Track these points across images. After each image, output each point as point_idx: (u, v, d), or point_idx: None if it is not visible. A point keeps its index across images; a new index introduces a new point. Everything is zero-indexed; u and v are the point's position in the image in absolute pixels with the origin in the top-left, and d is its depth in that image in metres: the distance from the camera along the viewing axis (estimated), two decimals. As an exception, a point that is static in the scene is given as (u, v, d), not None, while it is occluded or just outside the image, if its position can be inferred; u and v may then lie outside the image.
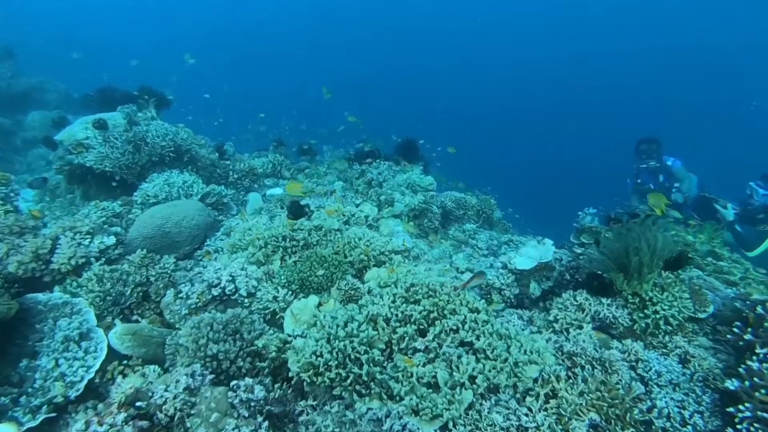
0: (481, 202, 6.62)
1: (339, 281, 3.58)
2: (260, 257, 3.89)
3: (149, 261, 3.84)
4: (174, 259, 3.99)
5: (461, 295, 3.27)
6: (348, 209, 5.05)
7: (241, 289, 3.52)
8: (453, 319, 3.06)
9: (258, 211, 5.55)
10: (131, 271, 3.69)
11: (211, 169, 6.13)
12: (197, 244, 4.36)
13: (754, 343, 3.11)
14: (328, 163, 7.53)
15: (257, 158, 7.36)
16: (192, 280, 3.72)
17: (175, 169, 5.53)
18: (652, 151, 7.60)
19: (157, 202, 4.83)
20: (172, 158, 5.58)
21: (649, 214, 4.30)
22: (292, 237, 4.01)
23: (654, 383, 3.01)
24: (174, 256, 4.11)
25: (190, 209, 4.36)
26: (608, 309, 3.44)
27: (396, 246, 4.10)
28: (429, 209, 5.93)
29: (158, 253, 4.03)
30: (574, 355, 3.06)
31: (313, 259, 3.69)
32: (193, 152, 5.86)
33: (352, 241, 4.00)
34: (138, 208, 4.90)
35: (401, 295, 3.26)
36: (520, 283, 4.13)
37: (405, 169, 7.01)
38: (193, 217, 4.32)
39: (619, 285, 3.47)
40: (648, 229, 3.38)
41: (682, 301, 3.47)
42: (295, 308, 3.34)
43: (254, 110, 12.32)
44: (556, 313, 3.52)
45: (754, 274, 4.63)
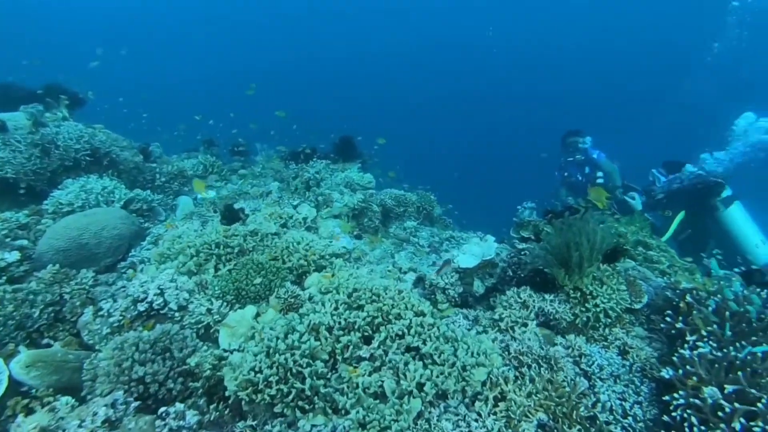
0: (421, 199, 6.58)
1: (278, 289, 3.39)
2: (192, 267, 3.63)
3: (63, 277, 3.50)
4: (93, 273, 3.65)
5: (405, 299, 3.17)
6: (285, 211, 4.85)
7: (171, 302, 3.27)
8: (398, 324, 2.96)
9: (189, 215, 5.24)
10: (40, 289, 3.34)
11: (136, 172, 5.73)
12: (120, 255, 4.02)
13: (684, 330, 3.20)
14: (263, 163, 7.26)
15: (187, 160, 6.99)
16: (114, 295, 3.42)
17: (93, 174, 5.11)
18: (577, 144, 7.83)
19: (71, 211, 4.40)
20: (88, 162, 5.15)
21: (587, 208, 4.38)
22: (226, 244, 3.78)
23: (597, 377, 3.03)
24: (93, 269, 3.77)
25: (111, 218, 4.02)
26: (551, 305, 3.44)
27: (337, 249, 3.95)
28: (369, 208, 5.82)
29: (74, 267, 3.69)
30: (520, 354, 3.03)
31: (249, 267, 3.49)
32: (114, 155, 5.45)
33: (291, 246, 3.82)
34: (49, 218, 4.44)
35: (344, 302, 3.12)
36: (463, 282, 4.09)
37: (343, 167, 6.87)
38: (115, 226, 3.98)
39: (561, 280, 3.48)
40: (587, 224, 3.41)
41: (619, 293, 3.53)
42: (231, 320, 3.13)
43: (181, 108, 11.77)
44: (501, 312, 3.50)
45: (680, 262, 4.83)
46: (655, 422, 2.85)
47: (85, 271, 3.62)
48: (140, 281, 3.40)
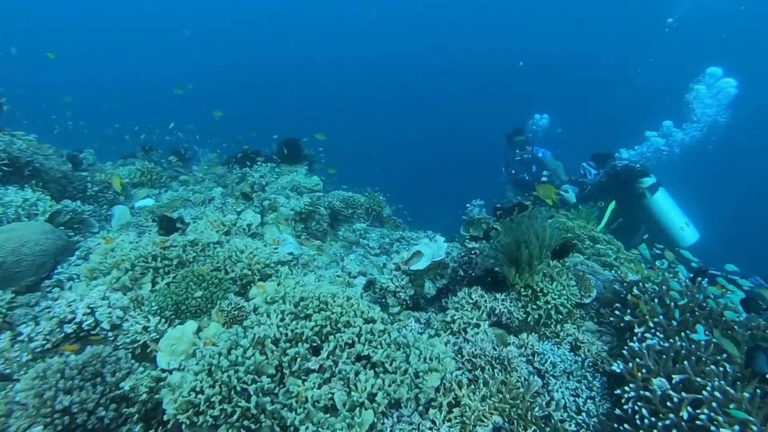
0: (370, 200, 6.48)
1: (220, 301, 3.21)
2: (126, 282, 3.39)
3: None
4: (12, 294, 3.35)
5: (354, 305, 3.05)
6: (228, 218, 4.63)
7: (103, 321, 3.03)
8: (348, 332, 2.84)
9: (126, 226, 4.93)
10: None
11: (64, 182, 5.35)
12: (45, 273, 3.70)
13: (633, 323, 3.24)
14: (205, 168, 6.97)
15: (123, 166, 6.62)
16: (37, 317, 3.13)
17: (12, 185, 4.72)
18: (523, 142, 7.97)
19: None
20: (6, 173, 4.76)
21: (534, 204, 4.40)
22: (163, 256, 3.55)
23: (550, 375, 3.01)
24: (12, 290, 3.45)
25: (32, 232, 3.70)
26: (503, 304, 3.41)
27: (282, 256, 3.79)
28: (316, 211, 5.67)
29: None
30: (474, 357, 2.97)
31: (189, 279, 3.28)
32: (37, 164, 5.06)
33: (234, 255, 3.63)
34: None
35: (290, 312, 2.98)
36: (414, 284, 4.01)
37: (289, 170, 6.68)
38: (38, 241, 3.67)
39: (512, 279, 3.46)
40: (535, 221, 3.40)
41: (569, 289, 3.54)
42: (170, 338, 2.92)
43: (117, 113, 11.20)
44: (452, 313, 3.44)
45: (625, 253, 4.93)
46: (608, 416, 2.86)
47: (2, 292, 3.31)
48: (67, 300, 3.13)
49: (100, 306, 3.10)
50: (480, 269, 3.74)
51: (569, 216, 5.71)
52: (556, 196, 4.30)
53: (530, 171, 7.98)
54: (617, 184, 6.73)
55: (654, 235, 5.74)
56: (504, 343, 3.23)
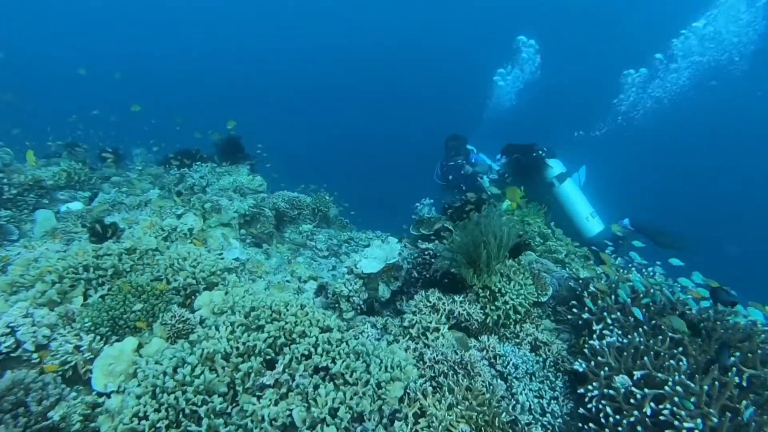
0: (315, 200, 6.29)
1: (163, 314, 2.95)
2: (53, 296, 3.05)
3: None
4: None
5: (309, 314, 2.89)
6: (168, 222, 4.32)
7: (27, 342, 2.71)
8: (303, 343, 2.68)
9: (51, 233, 4.51)
10: None
11: (-23, 185, 4.85)
12: (-43, 289, 3.30)
13: (590, 320, 3.25)
14: (140, 168, 6.54)
15: (45, 167, 6.10)
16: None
17: None
18: (459, 147, 8.03)
19: None
20: None
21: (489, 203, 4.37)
22: (96, 265, 3.23)
23: (513, 377, 2.97)
24: None
25: (-57, 242, 3.29)
26: (461, 306, 3.34)
27: (229, 262, 3.55)
28: (261, 213, 5.42)
29: None
30: (435, 363, 2.88)
31: (127, 291, 3.00)
32: (-54, 166, 4.56)
33: (176, 263, 3.36)
34: None
35: (241, 323, 2.78)
36: (368, 287, 3.88)
37: (230, 170, 6.38)
38: (-51, 252, 3.27)
39: (470, 280, 3.39)
40: (492, 221, 3.34)
41: (526, 288, 3.52)
42: (107, 356, 2.65)
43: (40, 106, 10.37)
44: (411, 318, 3.33)
45: (574, 249, 5.00)
46: (572, 416, 2.84)
47: None
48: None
49: (22, 324, 2.77)
50: (436, 271, 3.65)
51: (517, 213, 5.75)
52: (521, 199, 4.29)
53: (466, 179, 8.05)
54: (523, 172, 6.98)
55: (560, 223, 5.94)
56: (465, 347, 3.16)
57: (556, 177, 6.93)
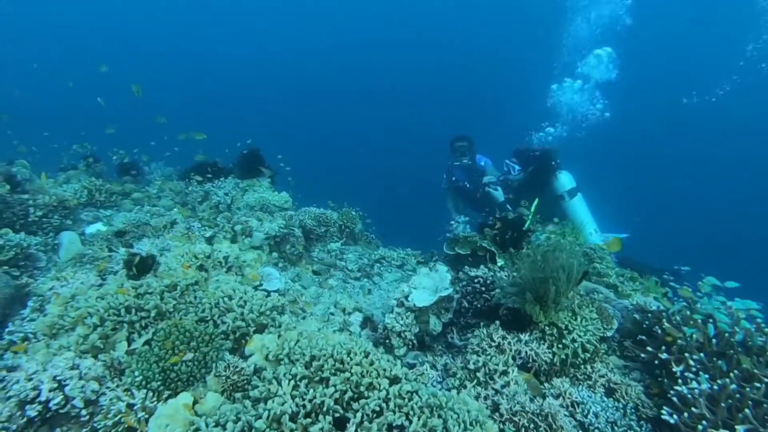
0: (342, 216, 6.08)
1: (215, 363, 2.73)
2: (96, 341, 2.84)
3: None
4: (-44, 366, 2.74)
5: (375, 363, 2.67)
6: (200, 249, 4.11)
7: (76, 398, 2.50)
8: (373, 397, 2.46)
9: (78, 259, 4.30)
10: None
11: (2, 208, 4.62)
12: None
13: (669, 360, 3.03)
14: (160, 183, 6.33)
15: (66, 184, 5.89)
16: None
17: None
18: (465, 149, 7.87)
19: None
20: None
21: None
22: (139, 306, 3.02)
23: (595, 428, 2.75)
24: (-46, 355, 2.85)
25: (-26, 282, 3.08)
26: (528, 346, 3.12)
27: (276, 300, 3.32)
28: (291, 233, 5.21)
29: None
30: (513, 415, 2.67)
31: (175, 337, 2.78)
32: (-32, 189, 4.34)
33: (222, 302, 3.14)
34: None
35: (303, 375, 2.56)
36: (419, 321, 3.67)
37: (252, 184, 6.18)
38: (-19, 292, 3.06)
39: (537, 317, 3.17)
40: (562, 255, 3.12)
41: (593, 323, 3.30)
42: (162, 416, 2.43)
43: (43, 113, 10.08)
44: (475, 359, 3.11)
45: (620, 270, 4.78)
46: (662, 473, 2.63)
47: (-59, 363, 2.70)
48: (27, 372, 2.58)
49: (70, 378, 2.56)
50: (502, 307, 3.42)
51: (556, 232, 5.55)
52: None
53: (471, 178, 7.88)
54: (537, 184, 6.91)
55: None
56: (538, 392, 2.95)
57: (567, 191, 6.80)
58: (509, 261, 4.56)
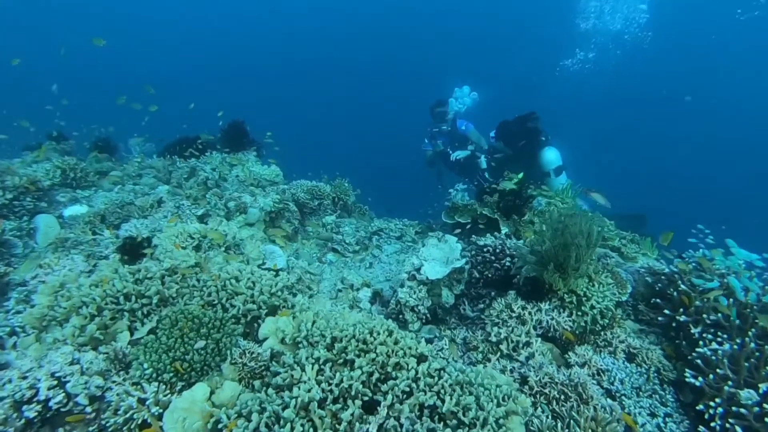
0: (335, 188, 5.88)
1: (230, 350, 2.56)
2: (95, 333, 2.64)
3: None
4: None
5: (400, 342, 2.55)
6: (194, 228, 3.88)
7: (79, 395, 2.31)
8: (402, 377, 2.34)
9: (60, 243, 4.02)
10: None
11: (-32, 192, 4.27)
12: (-26, 328, 2.84)
13: (687, 323, 2.99)
14: (140, 160, 5.99)
15: (36, 163, 5.51)
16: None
17: None
18: (445, 114, 7.70)
19: None
20: None
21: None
22: (139, 293, 2.81)
23: (621, 395, 2.70)
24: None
25: (-48, 274, 2.81)
26: (549, 315, 3.04)
27: (286, 279, 3.14)
28: (286, 208, 5.00)
29: None
30: (543, 387, 2.59)
31: (183, 324, 2.59)
32: (-67, 173, 3.98)
33: (229, 284, 2.95)
34: None
35: (326, 359, 2.42)
36: (431, 293, 3.55)
37: (239, 159, 5.91)
38: (-38, 285, 2.80)
39: (557, 285, 3.08)
40: (582, 221, 3.02)
41: (609, 288, 3.23)
42: (178, 410, 2.26)
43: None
44: (497, 331, 3.01)
45: (623, 233, 4.73)
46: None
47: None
48: (21, 371, 2.37)
49: (70, 374, 2.36)
50: (520, 276, 3.31)
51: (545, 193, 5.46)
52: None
53: (453, 145, 7.74)
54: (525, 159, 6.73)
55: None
56: (562, 362, 2.88)
57: (554, 169, 6.67)
58: (513, 228, 4.47)
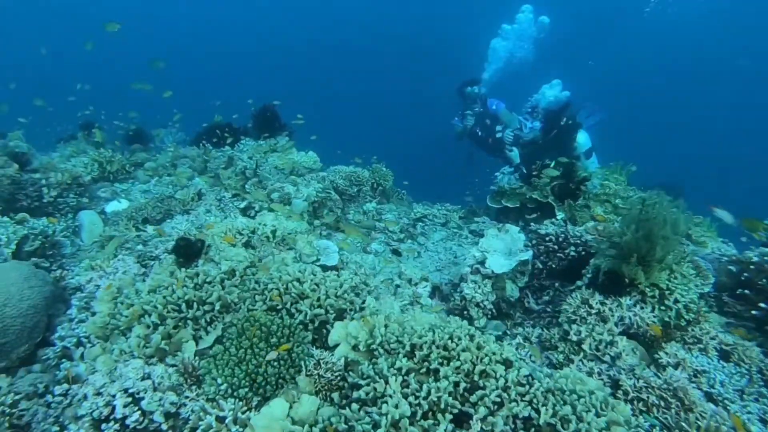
0: (374, 174, 5.70)
1: (304, 361, 2.42)
2: (160, 343, 2.52)
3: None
4: (9, 382, 2.41)
5: (485, 347, 2.39)
6: (241, 223, 3.74)
7: (155, 412, 2.20)
8: (491, 387, 2.19)
9: (108, 241, 3.92)
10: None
11: (12, 189, 4.17)
12: (39, 337, 2.74)
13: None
14: (173, 150, 5.85)
15: (75, 158, 5.41)
16: (59, 418, 2.25)
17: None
18: (475, 95, 7.36)
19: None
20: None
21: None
22: (200, 299, 2.68)
23: (724, 399, 2.51)
24: (2, 365, 2.53)
25: (11, 282, 2.70)
26: (631, 311, 2.84)
27: (351, 279, 2.97)
28: (328, 197, 4.84)
29: (-28, 373, 2.44)
30: (639, 392, 2.41)
31: (251, 333, 2.46)
32: (-25, 173, 3.88)
33: (292, 287, 2.80)
34: None
35: (408, 368, 2.28)
36: (495, 287, 3.38)
37: (273, 146, 5.75)
38: (22, 294, 2.68)
39: (640, 278, 2.87)
40: (668, 210, 2.80)
41: (692, 280, 3.02)
42: (259, 428, 2.14)
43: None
44: (576, 329, 2.83)
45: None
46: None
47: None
48: (95, 386, 2.27)
49: (143, 390, 2.25)
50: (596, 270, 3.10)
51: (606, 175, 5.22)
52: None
53: (483, 126, 7.40)
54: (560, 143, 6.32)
55: None
56: (653, 363, 2.70)
57: (585, 152, 6.34)
58: (569, 213, 4.26)
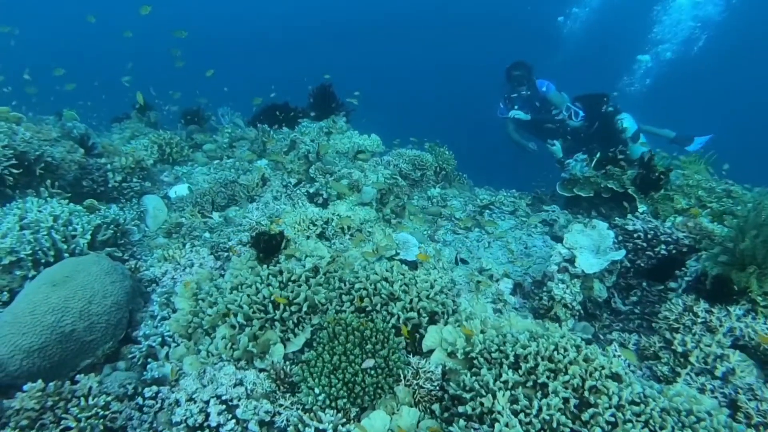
0: (437, 157, 5.51)
1: (401, 369, 2.32)
2: (248, 346, 2.44)
3: (56, 399, 2.21)
4: (98, 381, 2.37)
5: (593, 359, 2.23)
6: (313, 213, 3.63)
7: (250, 421, 2.13)
8: (604, 405, 2.05)
9: (174, 229, 3.89)
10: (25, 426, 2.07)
11: (80, 176, 4.15)
12: (122, 333, 2.71)
13: None
14: (228, 131, 5.77)
15: (132, 140, 5.39)
16: (153, 423, 2.20)
17: (26, 193, 3.57)
18: (523, 77, 6.97)
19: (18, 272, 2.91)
20: (16, 177, 3.57)
21: None
22: (287, 299, 2.59)
23: None
24: (87, 362, 2.51)
25: (94, 277, 2.65)
26: (742, 322, 2.63)
27: (441, 280, 2.82)
28: (395, 183, 4.68)
29: (56, 370, 2.41)
30: (764, 416, 2.23)
31: (344, 339, 2.35)
32: (48, 157, 3.84)
33: (381, 287, 2.68)
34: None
35: (515, 381, 2.15)
36: (583, 286, 3.21)
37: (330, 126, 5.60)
38: (105, 290, 2.64)
39: (752, 286, 2.66)
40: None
41: (806, 287, 2.78)
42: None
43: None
44: (680, 339, 2.65)
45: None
46: None
47: (85, 379, 2.32)
48: (187, 392, 2.21)
49: (237, 397, 2.19)
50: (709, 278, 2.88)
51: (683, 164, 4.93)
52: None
53: (534, 108, 7.03)
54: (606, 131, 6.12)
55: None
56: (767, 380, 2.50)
57: (632, 136, 5.98)
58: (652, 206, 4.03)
